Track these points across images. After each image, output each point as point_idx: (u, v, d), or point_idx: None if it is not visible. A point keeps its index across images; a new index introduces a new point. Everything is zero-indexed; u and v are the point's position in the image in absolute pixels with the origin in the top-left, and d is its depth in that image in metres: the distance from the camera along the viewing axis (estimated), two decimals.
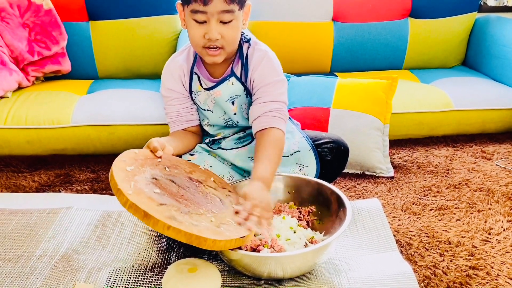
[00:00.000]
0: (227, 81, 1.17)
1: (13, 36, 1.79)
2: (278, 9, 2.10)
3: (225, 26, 1.05)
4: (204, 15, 1.03)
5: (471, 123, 1.86)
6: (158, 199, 0.89)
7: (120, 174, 0.90)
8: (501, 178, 1.51)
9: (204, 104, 1.21)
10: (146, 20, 1.98)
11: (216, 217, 0.93)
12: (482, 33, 2.20)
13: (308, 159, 1.21)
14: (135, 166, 0.96)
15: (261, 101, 1.14)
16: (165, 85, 1.22)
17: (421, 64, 2.26)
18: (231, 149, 1.23)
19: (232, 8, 1.03)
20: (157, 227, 0.83)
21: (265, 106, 1.14)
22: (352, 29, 2.14)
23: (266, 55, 1.16)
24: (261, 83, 1.15)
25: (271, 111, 1.13)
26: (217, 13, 1.03)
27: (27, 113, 1.61)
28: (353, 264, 1.03)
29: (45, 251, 1.07)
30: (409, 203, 1.35)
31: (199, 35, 1.06)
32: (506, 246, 1.13)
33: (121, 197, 0.86)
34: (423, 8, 2.16)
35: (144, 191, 0.89)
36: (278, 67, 1.18)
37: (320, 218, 1.09)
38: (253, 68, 1.15)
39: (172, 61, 1.23)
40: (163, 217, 0.84)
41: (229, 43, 1.08)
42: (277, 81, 1.16)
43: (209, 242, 0.84)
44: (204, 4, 1.01)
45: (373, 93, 1.58)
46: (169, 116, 1.25)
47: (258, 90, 1.15)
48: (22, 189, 1.46)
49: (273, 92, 1.14)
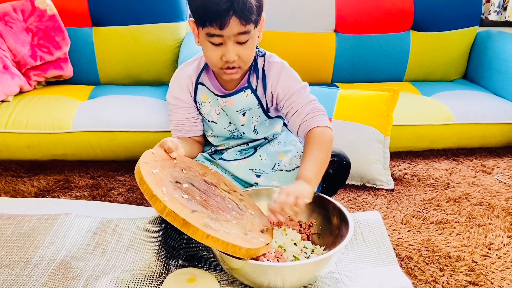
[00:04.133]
0: (242, 92, 1.15)
1: (16, 40, 1.79)
2: (280, 19, 2.10)
3: (241, 46, 1.04)
4: (220, 38, 1.02)
5: (472, 137, 1.86)
6: (189, 205, 0.90)
7: (150, 179, 0.89)
8: (501, 192, 1.51)
9: (209, 115, 1.21)
10: (149, 27, 1.99)
11: (239, 223, 0.94)
12: (483, 47, 2.21)
13: None
14: (159, 169, 0.95)
15: (294, 110, 1.13)
16: (172, 93, 1.22)
17: (422, 76, 2.27)
18: (232, 161, 1.22)
19: (248, 29, 1.02)
20: (196, 236, 0.84)
21: (300, 114, 1.13)
22: (354, 41, 2.15)
23: (282, 66, 1.16)
24: (287, 95, 1.14)
25: (307, 114, 1.12)
26: (234, 36, 1.01)
27: (28, 118, 1.61)
28: (353, 277, 1.02)
29: (43, 257, 1.07)
30: (409, 216, 1.35)
31: (216, 57, 1.05)
32: (506, 262, 1.13)
33: (157, 204, 0.86)
34: (425, 21, 2.17)
35: (175, 197, 0.89)
36: (296, 75, 1.17)
37: (321, 232, 1.09)
38: (272, 82, 1.15)
39: (181, 70, 1.22)
40: (200, 225, 0.84)
41: (246, 62, 1.08)
42: (301, 88, 1.15)
43: (243, 250, 0.86)
44: (220, 28, 0.99)
45: (375, 105, 1.58)
46: (173, 124, 1.24)
47: (286, 101, 1.15)
48: (21, 194, 1.45)
49: (300, 99, 1.13)
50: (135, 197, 1.44)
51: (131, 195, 1.45)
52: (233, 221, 0.94)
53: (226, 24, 0.98)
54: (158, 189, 0.88)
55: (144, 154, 0.98)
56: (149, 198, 0.87)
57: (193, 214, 0.87)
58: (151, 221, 1.20)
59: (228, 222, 0.93)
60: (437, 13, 2.17)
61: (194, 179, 1.02)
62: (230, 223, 0.93)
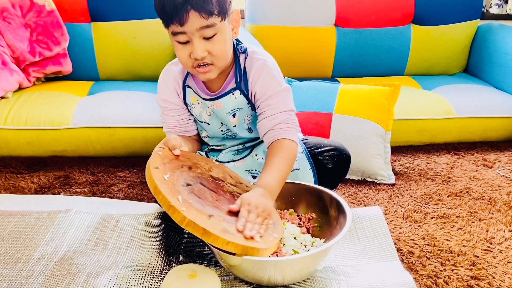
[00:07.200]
0: (230, 94, 1.12)
1: (14, 36, 1.78)
2: (280, 14, 2.09)
3: (209, 41, 0.99)
4: (184, 36, 0.98)
5: (473, 131, 1.85)
6: (204, 210, 0.90)
7: (164, 187, 0.89)
8: (502, 187, 1.50)
9: (200, 116, 1.18)
10: (148, 22, 1.98)
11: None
12: (485, 40, 2.20)
13: (306, 178, 1.18)
14: (169, 173, 0.95)
15: (267, 114, 1.09)
16: (161, 95, 1.19)
17: (423, 70, 2.26)
18: (227, 162, 1.20)
19: (212, 22, 0.97)
20: (217, 243, 0.85)
21: (272, 120, 1.09)
22: (354, 35, 2.14)
23: (264, 64, 1.10)
24: (264, 96, 1.09)
25: (280, 123, 1.09)
26: (197, 31, 0.97)
27: (27, 114, 1.61)
28: (354, 272, 1.02)
29: (43, 254, 1.06)
30: (410, 211, 1.34)
31: (185, 56, 1.01)
32: (508, 256, 1.13)
33: (176, 215, 0.86)
34: (426, 15, 2.16)
35: (190, 203, 0.89)
36: (278, 75, 1.12)
37: (321, 225, 1.09)
38: (252, 80, 1.10)
39: (167, 71, 1.19)
40: (218, 231, 0.85)
41: (219, 58, 1.02)
42: (280, 91, 1.10)
43: (261, 251, 0.87)
44: (180, 24, 0.95)
45: (376, 100, 1.58)
46: (166, 126, 1.22)
47: (262, 103, 1.10)
48: (21, 190, 1.45)
49: (278, 104, 1.09)
50: (136, 193, 1.44)
51: (131, 191, 1.45)
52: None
53: (185, 19, 0.95)
54: (174, 198, 0.88)
55: (152, 157, 0.97)
56: (167, 209, 0.87)
57: (210, 220, 0.87)
58: (152, 217, 1.20)
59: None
60: (437, 6, 2.16)
61: (202, 177, 1.01)
62: None
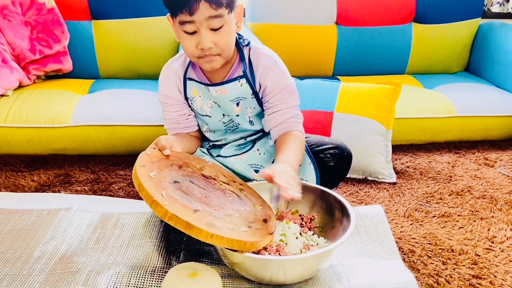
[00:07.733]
0: (236, 81, 1.14)
1: (15, 34, 1.78)
2: (281, 12, 2.09)
3: (216, 33, 1.02)
4: (193, 25, 1.00)
5: (474, 130, 1.85)
6: (190, 205, 0.89)
7: (149, 184, 0.89)
8: (504, 185, 1.50)
9: (201, 109, 1.19)
10: (148, 20, 1.97)
11: (241, 216, 0.94)
12: (486, 39, 2.19)
13: (307, 172, 1.19)
14: (156, 171, 0.95)
15: (279, 108, 1.15)
16: (162, 91, 1.21)
17: (424, 69, 2.25)
18: (230, 157, 1.21)
19: (221, 13, 0.99)
20: (201, 236, 0.84)
21: (285, 114, 1.15)
22: (355, 33, 2.13)
23: (272, 59, 1.15)
24: (275, 90, 1.14)
25: (291, 117, 1.15)
26: (205, 20, 0.99)
27: (27, 112, 1.60)
28: (355, 270, 1.02)
29: (44, 252, 1.06)
30: (411, 210, 1.34)
31: (192, 46, 1.03)
32: (509, 255, 1.12)
33: (158, 209, 0.85)
34: (427, 13, 2.15)
35: (176, 199, 0.89)
36: (285, 69, 1.17)
37: (323, 225, 1.08)
38: (261, 74, 1.14)
39: (168, 67, 1.20)
40: (203, 225, 0.84)
41: (224, 49, 1.05)
42: (289, 85, 1.16)
43: (248, 244, 0.86)
44: (190, 13, 0.98)
45: (377, 98, 1.57)
46: (167, 122, 1.23)
47: (273, 97, 1.15)
48: (21, 188, 1.44)
49: (289, 98, 1.16)
50: (136, 191, 1.44)
51: (132, 189, 1.45)
52: (235, 214, 0.93)
53: (196, 9, 0.97)
54: (158, 194, 0.87)
55: (140, 156, 0.98)
56: (150, 204, 0.86)
57: (195, 214, 0.87)
58: (152, 215, 1.20)
59: (230, 216, 0.92)
60: (439, 5, 2.15)
61: (192, 175, 1.01)
62: (233, 217, 0.92)
